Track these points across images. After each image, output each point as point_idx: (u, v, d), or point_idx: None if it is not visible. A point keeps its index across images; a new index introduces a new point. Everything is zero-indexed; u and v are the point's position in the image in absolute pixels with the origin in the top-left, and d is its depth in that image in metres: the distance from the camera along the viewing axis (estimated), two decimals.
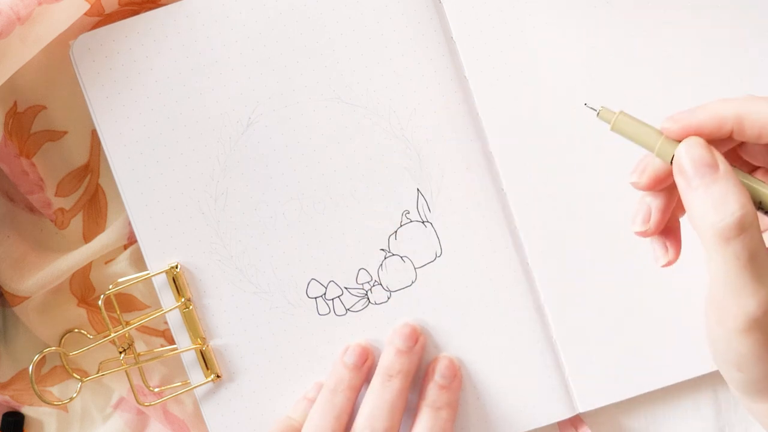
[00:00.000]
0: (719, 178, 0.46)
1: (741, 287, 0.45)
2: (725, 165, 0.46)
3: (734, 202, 0.45)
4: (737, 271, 0.45)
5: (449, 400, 0.59)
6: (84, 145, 0.62)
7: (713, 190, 0.46)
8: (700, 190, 0.46)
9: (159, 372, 0.62)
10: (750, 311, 0.45)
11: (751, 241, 0.45)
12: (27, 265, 0.61)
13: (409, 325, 0.60)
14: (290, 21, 0.59)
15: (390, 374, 0.58)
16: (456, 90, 0.60)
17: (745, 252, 0.45)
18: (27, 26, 0.56)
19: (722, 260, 0.45)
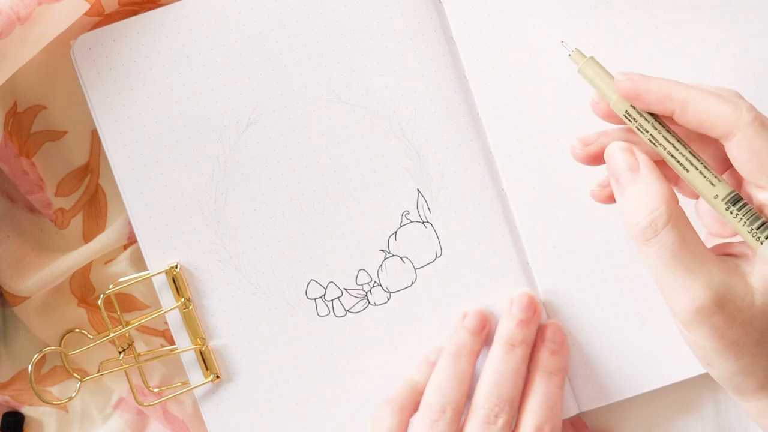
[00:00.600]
0: (638, 179, 0.48)
1: (673, 284, 0.47)
2: (646, 165, 0.48)
3: (649, 204, 0.47)
4: (664, 270, 0.47)
5: (561, 364, 0.59)
6: (84, 145, 0.62)
7: (632, 193, 0.48)
8: (625, 191, 0.48)
9: (159, 372, 0.62)
10: (688, 306, 0.46)
11: (670, 238, 0.46)
12: (27, 265, 0.61)
13: (526, 295, 0.60)
14: (290, 21, 0.59)
15: (512, 344, 0.59)
16: (456, 90, 0.60)
17: (665, 250, 0.46)
18: (27, 26, 0.56)
19: (649, 261, 0.47)
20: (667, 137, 0.49)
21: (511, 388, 0.57)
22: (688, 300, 0.46)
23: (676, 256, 0.46)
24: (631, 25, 0.60)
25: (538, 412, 0.58)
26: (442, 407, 0.57)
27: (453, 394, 0.58)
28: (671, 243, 0.46)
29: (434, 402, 0.57)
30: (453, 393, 0.58)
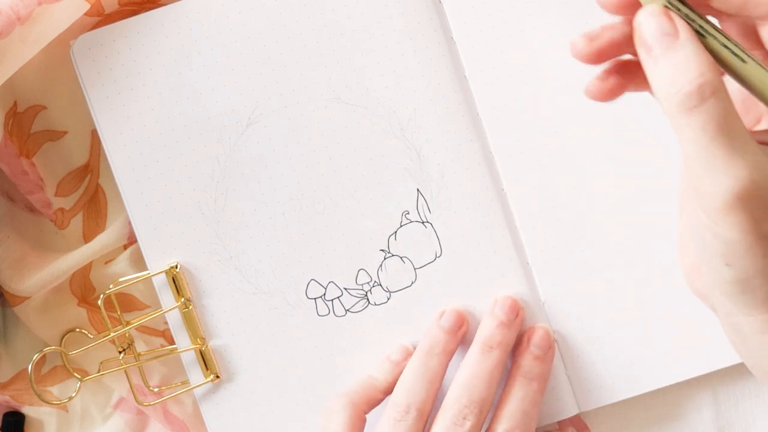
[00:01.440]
0: (679, 46, 0.42)
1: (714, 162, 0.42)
2: (687, 33, 0.43)
3: (694, 69, 0.42)
4: (707, 143, 0.41)
5: (542, 371, 0.59)
6: (84, 145, 0.62)
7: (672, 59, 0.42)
8: (660, 60, 0.43)
9: (159, 372, 0.62)
10: (729, 187, 0.41)
11: (717, 109, 0.41)
12: (27, 265, 0.61)
13: (510, 298, 0.60)
14: (290, 21, 0.59)
15: (490, 345, 0.58)
16: (456, 90, 0.60)
17: (711, 122, 0.41)
18: (27, 26, 0.56)
19: (690, 134, 0.42)
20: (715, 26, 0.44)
21: (483, 391, 0.57)
22: (731, 180, 0.41)
23: (722, 129, 0.41)
24: None
25: (510, 417, 0.57)
26: (406, 407, 0.56)
27: (420, 393, 0.57)
28: (719, 113, 0.41)
29: (399, 401, 0.57)
30: (420, 393, 0.57)
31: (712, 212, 0.42)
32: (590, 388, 0.61)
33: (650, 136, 0.60)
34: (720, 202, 0.42)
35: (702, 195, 0.42)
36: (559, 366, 0.61)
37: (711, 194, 0.42)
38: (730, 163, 0.41)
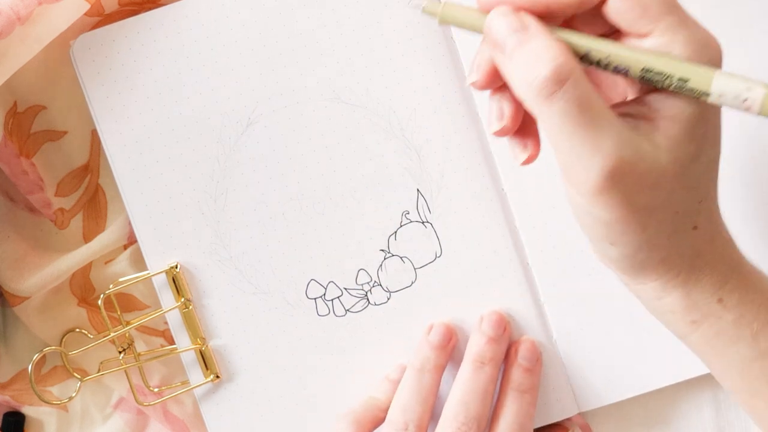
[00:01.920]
0: (529, 38, 0.43)
1: (581, 146, 0.42)
2: (535, 25, 0.43)
3: (547, 55, 0.42)
4: (571, 128, 0.42)
5: (533, 382, 0.59)
6: (84, 145, 0.62)
7: (525, 52, 0.43)
8: (514, 55, 0.43)
9: (159, 372, 0.62)
10: (598, 168, 0.42)
11: (576, 92, 0.42)
12: (27, 265, 0.61)
13: (496, 313, 0.60)
14: (290, 21, 0.59)
15: (482, 361, 0.58)
16: (456, 90, 0.60)
17: (573, 105, 0.42)
18: (27, 26, 0.56)
19: (553, 121, 0.42)
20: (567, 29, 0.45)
21: (480, 406, 0.57)
22: (599, 160, 0.42)
23: (584, 111, 0.41)
24: None
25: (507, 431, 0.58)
26: (404, 424, 0.57)
27: (416, 410, 0.57)
28: (579, 95, 0.41)
29: (397, 419, 0.57)
30: (416, 409, 0.57)
31: (586, 195, 0.43)
32: (590, 388, 0.61)
33: None
34: (592, 184, 0.42)
35: (574, 180, 0.43)
36: (559, 366, 0.61)
37: (582, 178, 0.42)
38: (596, 144, 0.42)
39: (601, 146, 0.42)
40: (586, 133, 0.42)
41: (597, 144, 0.42)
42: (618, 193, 0.43)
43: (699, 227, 0.46)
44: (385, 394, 0.60)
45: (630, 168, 0.42)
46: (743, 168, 0.60)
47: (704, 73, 0.42)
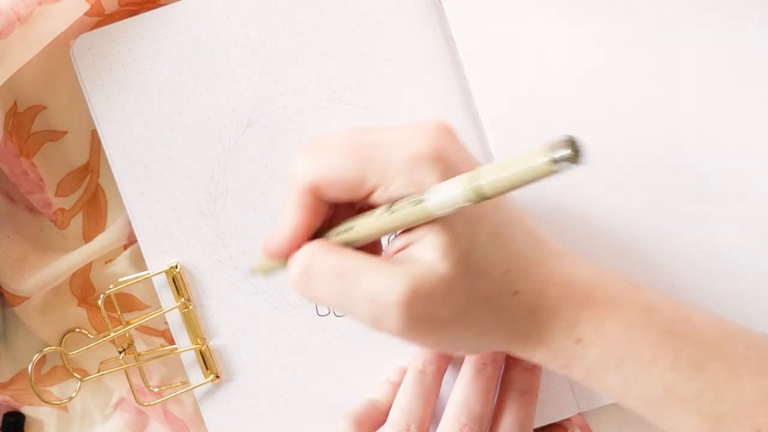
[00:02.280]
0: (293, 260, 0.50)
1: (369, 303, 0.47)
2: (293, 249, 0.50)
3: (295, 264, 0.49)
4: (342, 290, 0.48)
5: (533, 382, 0.59)
6: (84, 145, 0.62)
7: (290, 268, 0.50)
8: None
9: (159, 372, 0.62)
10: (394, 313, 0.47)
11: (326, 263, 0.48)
12: (27, 265, 0.61)
13: None
14: (290, 21, 0.59)
15: (483, 362, 0.58)
16: (456, 90, 0.60)
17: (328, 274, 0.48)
18: (27, 26, 0.56)
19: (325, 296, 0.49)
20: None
21: (481, 407, 0.57)
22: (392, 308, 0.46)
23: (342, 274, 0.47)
24: (632, 24, 0.60)
25: None
26: (406, 425, 0.57)
27: (418, 411, 0.57)
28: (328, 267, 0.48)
29: (399, 420, 0.57)
30: (418, 411, 0.57)
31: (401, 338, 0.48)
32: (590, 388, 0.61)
33: (651, 135, 0.60)
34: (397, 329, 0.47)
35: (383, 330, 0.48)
36: None
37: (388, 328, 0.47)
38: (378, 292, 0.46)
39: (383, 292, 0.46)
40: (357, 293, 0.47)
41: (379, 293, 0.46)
42: (421, 323, 0.47)
43: (520, 291, 0.48)
44: (385, 397, 0.60)
45: (417, 294, 0.46)
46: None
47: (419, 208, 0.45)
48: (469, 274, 0.47)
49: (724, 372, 0.48)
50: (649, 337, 0.48)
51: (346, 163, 0.48)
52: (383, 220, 0.47)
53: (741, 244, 0.60)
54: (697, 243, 0.60)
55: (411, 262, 0.47)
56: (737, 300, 0.60)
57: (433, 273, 0.46)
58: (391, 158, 0.47)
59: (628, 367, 0.48)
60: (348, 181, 0.48)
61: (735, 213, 0.60)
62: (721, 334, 0.49)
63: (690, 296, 0.60)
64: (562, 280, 0.49)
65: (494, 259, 0.48)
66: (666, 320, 0.49)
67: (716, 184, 0.60)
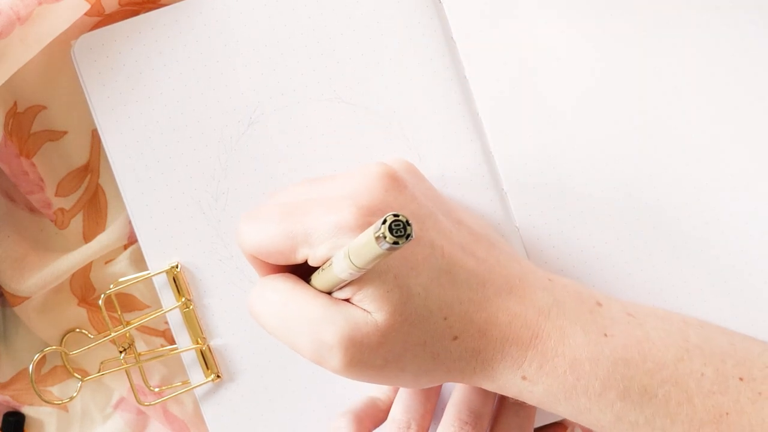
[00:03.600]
0: None
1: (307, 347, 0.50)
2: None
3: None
4: (283, 335, 0.51)
5: None
6: (84, 145, 0.62)
7: None
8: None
9: (159, 372, 0.62)
10: (335, 356, 0.49)
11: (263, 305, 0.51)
12: (27, 265, 0.61)
13: None
14: (291, 21, 0.59)
15: None
16: (456, 90, 0.60)
17: (273, 318, 0.51)
18: (27, 26, 0.56)
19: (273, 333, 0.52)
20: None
21: (483, 406, 0.57)
22: (332, 348, 0.48)
23: (289, 302, 0.50)
24: (632, 24, 0.60)
25: None
26: (407, 423, 0.57)
27: (419, 409, 0.57)
28: (279, 293, 0.51)
29: (400, 417, 0.57)
30: (419, 408, 0.57)
31: (342, 375, 0.50)
32: None
33: (651, 135, 0.60)
34: (337, 369, 0.50)
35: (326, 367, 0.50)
36: None
37: (328, 365, 0.50)
38: (313, 339, 0.49)
39: (319, 340, 0.49)
40: (293, 338, 0.50)
41: (314, 339, 0.49)
42: (357, 366, 0.49)
43: (459, 336, 0.49)
44: (385, 395, 0.60)
45: (353, 341, 0.48)
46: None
47: (329, 271, 0.48)
48: (405, 323, 0.49)
49: (676, 396, 0.49)
50: (598, 371, 0.49)
51: (276, 235, 0.50)
52: (318, 278, 0.50)
53: (741, 244, 0.60)
54: (698, 242, 0.60)
55: (351, 309, 0.49)
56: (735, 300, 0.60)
57: (368, 321, 0.48)
58: (315, 229, 0.49)
59: (577, 399, 0.49)
60: (280, 249, 0.50)
61: (735, 212, 0.60)
62: (678, 353, 0.50)
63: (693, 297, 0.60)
64: (507, 319, 0.50)
65: (432, 306, 0.49)
66: (619, 348, 0.50)
67: (716, 183, 0.60)
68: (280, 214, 0.51)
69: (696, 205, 0.60)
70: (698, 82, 0.60)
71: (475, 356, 0.50)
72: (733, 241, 0.60)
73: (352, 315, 0.49)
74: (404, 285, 0.49)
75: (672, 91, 0.60)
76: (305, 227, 0.50)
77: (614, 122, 0.60)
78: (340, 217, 0.49)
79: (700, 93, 0.60)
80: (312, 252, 0.50)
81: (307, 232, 0.50)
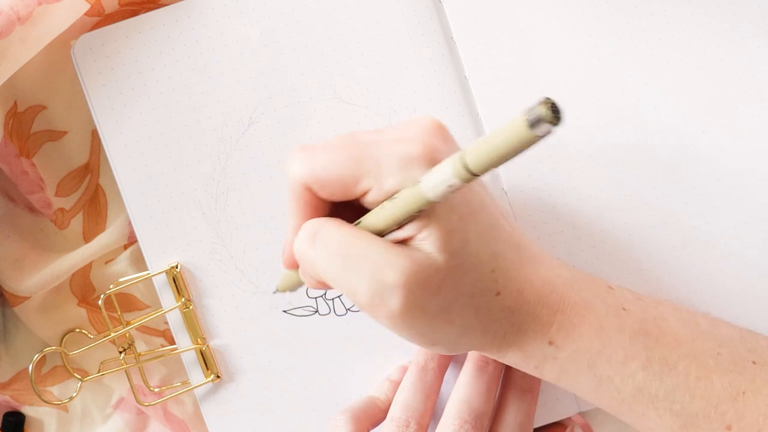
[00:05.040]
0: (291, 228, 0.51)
1: (365, 286, 0.47)
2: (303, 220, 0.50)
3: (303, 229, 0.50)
4: (340, 272, 0.48)
5: (535, 382, 0.59)
6: (84, 145, 0.62)
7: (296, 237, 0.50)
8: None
9: (159, 372, 0.62)
10: (389, 299, 0.47)
11: (327, 239, 0.48)
12: (27, 265, 0.61)
13: None
14: (291, 21, 0.59)
15: (486, 361, 0.58)
16: (456, 90, 0.60)
17: (327, 247, 0.48)
18: (27, 26, 0.56)
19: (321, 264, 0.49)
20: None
21: (482, 405, 0.57)
22: (394, 288, 0.47)
23: (347, 245, 0.47)
24: (631, 24, 0.60)
25: (508, 430, 0.58)
26: (406, 421, 0.57)
27: (419, 408, 0.57)
28: (334, 237, 0.48)
29: (399, 416, 0.57)
30: (419, 407, 0.57)
31: (390, 324, 0.48)
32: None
33: (651, 135, 0.60)
34: (390, 312, 0.48)
35: (374, 315, 0.48)
36: None
37: (382, 312, 0.48)
38: (375, 276, 0.47)
39: (380, 277, 0.47)
40: (354, 272, 0.47)
41: (376, 276, 0.47)
42: (414, 310, 0.47)
43: (502, 292, 0.49)
44: (385, 395, 0.60)
45: (417, 280, 0.47)
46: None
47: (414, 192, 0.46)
48: (460, 269, 0.48)
49: (695, 371, 0.49)
50: (620, 339, 0.49)
51: (340, 161, 0.48)
52: (386, 210, 0.48)
53: (741, 243, 0.60)
54: (698, 241, 0.60)
55: (412, 249, 0.48)
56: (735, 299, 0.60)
57: (431, 262, 0.47)
58: (385, 158, 0.48)
59: (600, 367, 0.49)
60: (342, 180, 0.48)
61: (734, 211, 0.60)
62: (693, 333, 0.50)
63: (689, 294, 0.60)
64: (540, 283, 0.50)
65: (483, 257, 0.49)
66: (638, 321, 0.50)
67: (715, 181, 0.60)
68: (347, 143, 0.49)
69: (696, 204, 0.60)
70: (698, 79, 0.60)
71: (509, 317, 0.50)
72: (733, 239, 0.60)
73: (416, 255, 0.47)
74: (465, 229, 0.48)
75: (672, 92, 0.60)
76: (375, 155, 0.48)
77: (614, 121, 0.60)
78: (413, 148, 0.47)
79: (699, 90, 0.60)
80: (378, 183, 0.48)
81: (377, 160, 0.48)
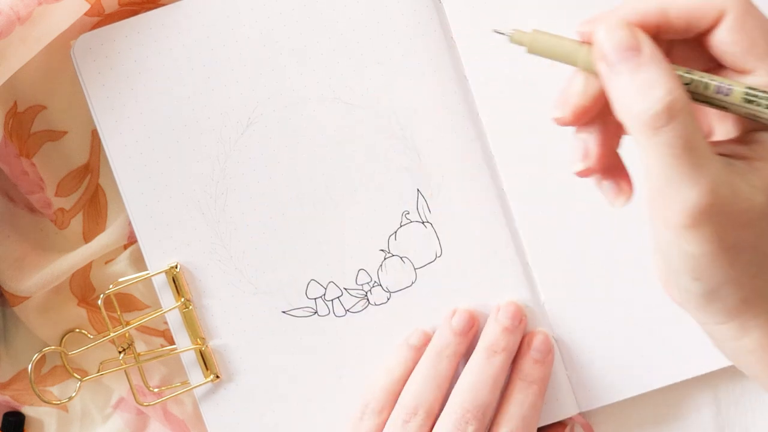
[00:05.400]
0: (644, 62, 0.41)
1: (680, 178, 0.41)
2: (651, 48, 0.41)
3: (661, 88, 0.40)
4: (673, 161, 0.41)
5: (542, 374, 0.59)
6: (84, 145, 0.62)
7: (638, 76, 0.41)
8: (623, 75, 0.41)
9: (159, 372, 0.62)
10: (694, 203, 0.41)
11: (684, 128, 0.41)
12: (27, 265, 0.61)
13: (514, 304, 0.60)
14: (290, 21, 0.59)
15: (495, 350, 0.58)
16: (456, 90, 0.60)
17: (678, 140, 0.41)
18: (27, 26, 0.56)
19: (656, 152, 0.41)
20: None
21: (487, 395, 0.57)
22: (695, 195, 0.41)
23: (688, 147, 0.40)
24: None
25: (510, 421, 0.58)
26: (414, 408, 0.57)
27: (428, 396, 0.57)
28: (685, 131, 0.40)
29: (408, 403, 0.57)
30: (428, 395, 0.57)
31: (676, 228, 0.42)
32: (590, 388, 0.61)
33: None
34: (685, 217, 0.41)
35: (666, 211, 0.42)
36: (559, 366, 0.61)
37: (677, 210, 0.42)
38: (694, 179, 0.41)
39: (698, 182, 0.41)
40: (687, 168, 0.41)
41: (695, 179, 0.41)
42: (710, 228, 0.42)
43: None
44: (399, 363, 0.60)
45: (725, 206, 0.41)
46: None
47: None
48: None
49: None
50: None
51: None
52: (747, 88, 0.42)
53: None
54: None
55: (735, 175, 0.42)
56: None
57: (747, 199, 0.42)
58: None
59: None
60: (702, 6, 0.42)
61: None
62: None
63: None
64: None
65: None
66: None
67: None
68: None
69: None
70: None
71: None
72: None
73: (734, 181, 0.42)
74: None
75: None
76: None
77: None
78: None
79: None
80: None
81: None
